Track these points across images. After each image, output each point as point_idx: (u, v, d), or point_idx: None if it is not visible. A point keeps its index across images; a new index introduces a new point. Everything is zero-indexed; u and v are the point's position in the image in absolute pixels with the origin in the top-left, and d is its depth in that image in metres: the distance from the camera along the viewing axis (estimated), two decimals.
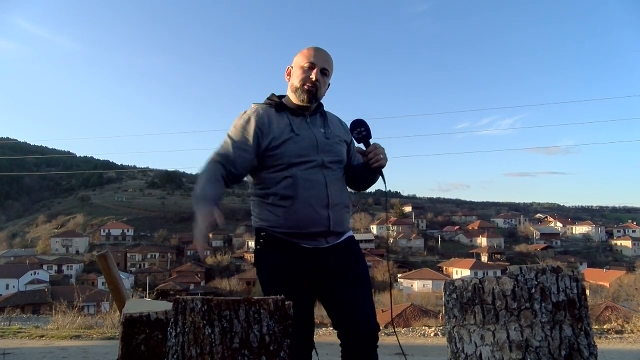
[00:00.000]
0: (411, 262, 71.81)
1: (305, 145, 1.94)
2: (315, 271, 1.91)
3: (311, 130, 2.00)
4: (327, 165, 1.96)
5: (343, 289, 1.92)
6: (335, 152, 2.01)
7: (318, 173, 1.93)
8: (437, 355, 4.73)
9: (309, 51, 2.02)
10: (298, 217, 1.87)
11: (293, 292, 1.70)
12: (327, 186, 1.92)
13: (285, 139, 1.93)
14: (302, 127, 1.99)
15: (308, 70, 1.99)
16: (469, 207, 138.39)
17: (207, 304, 1.55)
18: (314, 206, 1.88)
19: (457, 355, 1.37)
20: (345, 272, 1.95)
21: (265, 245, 1.94)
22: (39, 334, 6.45)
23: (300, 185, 1.89)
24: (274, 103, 2.04)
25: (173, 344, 1.61)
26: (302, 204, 1.88)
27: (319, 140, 1.99)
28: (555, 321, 1.25)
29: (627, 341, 5.47)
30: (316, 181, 1.91)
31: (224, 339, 1.52)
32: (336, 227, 1.93)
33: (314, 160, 1.93)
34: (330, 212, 1.90)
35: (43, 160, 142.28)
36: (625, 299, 26.25)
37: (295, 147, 1.93)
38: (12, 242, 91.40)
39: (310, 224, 1.88)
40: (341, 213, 1.96)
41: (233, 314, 1.56)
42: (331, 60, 2.06)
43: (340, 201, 1.96)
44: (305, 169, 1.91)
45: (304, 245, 1.90)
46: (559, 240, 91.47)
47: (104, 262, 3.36)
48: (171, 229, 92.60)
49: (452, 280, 1.41)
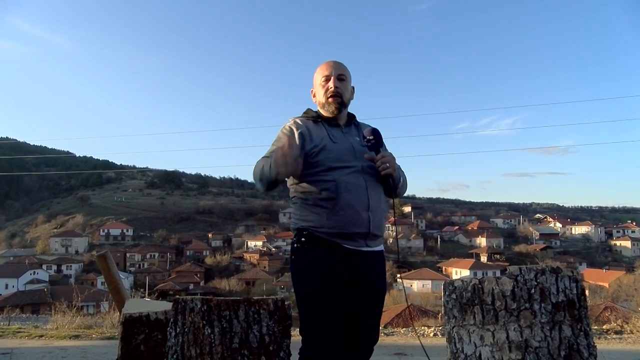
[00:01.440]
0: (410, 262, 71.81)
1: (343, 152, 2.04)
2: (354, 274, 1.97)
3: (347, 138, 2.11)
4: (366, 171, 2.04)
5: (370, 302, 2.02)
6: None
7: (359, 177, 2.01)
8: (437, 355, 4.72)
9: (321, 67, 2.16)
10: (340, 218, 1.94)
11: (330, 288, 1.86)
12: (368, 190, 2.00)
13: (325, 145, 2.04)
14: (339, 136, 2.11)
15: (326, 83, 2.12)
16: (468, 208, 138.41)
17: (207, 304, 1.55)
18: (356, 208, 1.95)
19: (457, 356, 1.38)
20: (377, 285, 2.04)
21: (307, 244, 1.99)
22: (38, 334, 6.44)
23: (343, 188, 1.96)
24: (310, 116, 2.17)
25: (173, 344, 1.61)
26: (345, 205, 1.95)
27: (356, 148, 2.08)
28: (555, 322, 1.25)
29: (626, 341, 5.48)
30: (357, 185, 1.99)
31: (224, 339, 1.53)
32: (375, 229, 2.00)
33: (354, 166, 2.02)
34: (371, 215, 1.98)
35: (42, 160, 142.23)
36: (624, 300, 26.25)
37: (334, 153, 2.03)
38: (11, 242, 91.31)
39: (352, 225, 1.95)
40: (380, 217, 2.04)
41: (233, 314, 1.56)
42: (344, 66, 2.18)
43: (380, 205, 2.04)
44: (346, 174, 1.99)
45: (345, 245, 1.96)
46: (559, 241, 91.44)
47: (103, 262, 3.36)
48: (170, 229, 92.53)
49: (451, 281, 1.41)
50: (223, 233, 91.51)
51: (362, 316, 2.00)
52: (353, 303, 1.99)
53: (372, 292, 2.03)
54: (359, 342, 2.00)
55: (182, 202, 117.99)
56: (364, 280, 1.99)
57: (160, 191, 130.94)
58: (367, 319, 2.01)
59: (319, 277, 1.91)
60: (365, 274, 1.99)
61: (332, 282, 1.90)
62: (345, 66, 2.18)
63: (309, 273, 1.95)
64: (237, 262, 72.41)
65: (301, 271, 1.98)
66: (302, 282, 1.95)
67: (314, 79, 2.20)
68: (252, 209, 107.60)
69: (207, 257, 74.12)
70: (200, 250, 79.07)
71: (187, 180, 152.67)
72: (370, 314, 2.02)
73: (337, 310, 1.90)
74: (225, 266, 68.55)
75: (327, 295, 1.87)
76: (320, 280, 1.89)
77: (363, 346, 2.01)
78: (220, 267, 67.73)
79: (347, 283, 1.95)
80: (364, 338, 2.01)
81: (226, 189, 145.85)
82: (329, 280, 1.90)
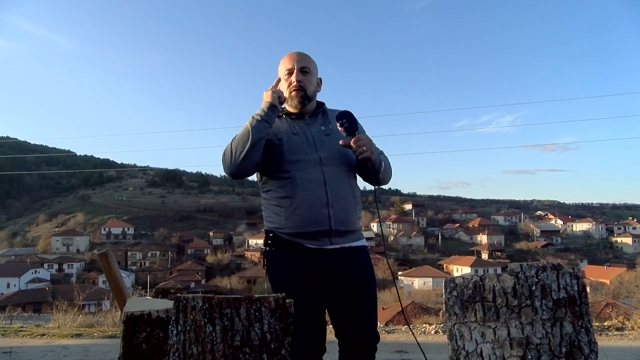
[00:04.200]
0: (412, 259, 71.82)
1: (301, 144, 1.94)
2: (323, 273, 1.88)
3: (309, 129, 2.00)
4: (325, 162, 1.93)
5: (353, 300, 1.92)
6: (335, 149, 1.97)
7: (316, 171, 1.91)
8: (438, 352, 4.73)
9: (284, 60, 2.04)
10: (297, 217, 1.86)
11: (299, 291, 1.74)
12: (327, 184, 1.89)
13: (283, 140, 1.95)
14: (299, 128, 2.00)
15: (289, 77, 2.00)
16: (469, 205, 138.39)
17: (208, 302, 1.55)
18: (313, 205, 1.86)
19: (458, 353, 1.38)
20: (356, 282, 1.93)
21: (273, 246, 1.94)
22: (40, 333, 6.45)
23: (298, 185, 1.88)
24: None
25: (174, 342, 1.61)
26: (301, 203, 1.86)
27: (316, 138, 1.98)
28: (556, 318, 1.25)
29: (627, 338, 5.47)
30: (314, 179, 1.89)
31: (225, 337, 1.53)
32: (338, 225, 1.89)
33: (311, 159, 1.92)
34: (331, 211, 1.87)
35: (43, 159, 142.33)
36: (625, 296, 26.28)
37: (291, 146, 1.94)
38: (12, 241, 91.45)
39: (310, 224, 1.86)
40: (344, 211, 1.92)
41: (234, 312, 1.56)
42: (308, 57, 2.05)
43: (343, 198, 1.92)
44: (302, 168, 1.90)
45: (308, 245, 1.88)
46: (560, 238, 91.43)
47: (104, 260, 3.37)
48: (172, 228, 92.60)
49: (452, 278, 1.41)
50: (224, 231, 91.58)
51: (348, 314, 1.91)
52: (335, 302, 1.93)
53: (352, 289, 1.92)
54: (355, 342, 1.92)
55: (183, 201, 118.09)
56: (339, 279, 1.90)
57: (161, 190, 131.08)
58: (354, 317, 1.91)
59: (286, 279, 1.86)
60: (338, 272, 1.90)
61: (299, 284, 1.83)
62: (309, 57, 2.05)
63: (277, 276, 1.91)
64: (238, 260, 72.43)
65: (270, 274, 1.94)
66: (273, 285, 1.92)
67: (278, 72, 2.06)
68: (253, 207, 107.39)
69: (208, 255, 74.21)
70: (202, 248, 79.17)
71: (188, 179, 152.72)
72: (356, 311, 1.91)
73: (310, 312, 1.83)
74: (226, 264, 68.63)
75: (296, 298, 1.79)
76: (288, 284, 1.82)
77: (361, 346, 1.91)
78: (222, 266, 67.81)
79: (318, 284, 1.87)
80: (357, 336, 1.91)
81: (227, 187, 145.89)
82: (296, 283, 1.83)
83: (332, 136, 2.00)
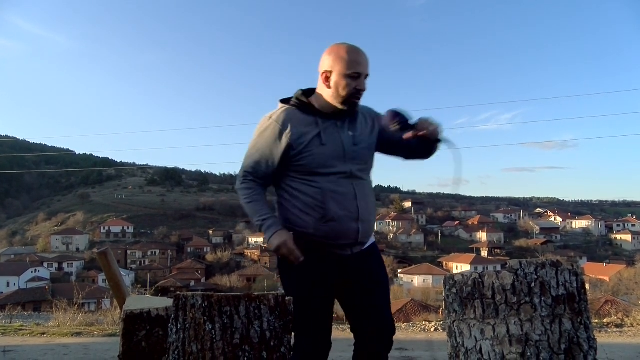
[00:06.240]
0: (411, 257, 71.92)
1: (331, 155, 1.86)
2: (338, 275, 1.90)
3: (339, 136, 1.89)
4: (355, 175, 1.90)
5: (366, 294, 1.92)
6: (362, 159, 1.95)
7: (347, 184, 1.87)
8: (438, 350, 4.74)
9: (351, 57, 1.84)
10: (328, 229, 1.84)
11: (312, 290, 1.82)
12: (357, 198, 1.87)
13: (311, 148, 1.85)
14: (329, 133, 1.89)
15: (354, 81, 1.84)
16: (468, 203, 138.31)
17: (208, 300, 1.56)
18: (344, 220, 1.84)
19: (458, 350, 1.38)
20: (368, 277, 1.95)
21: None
22: (40, 332, 6.46)
23: (330, 197, 1.84)
24: (301, 105, 1.92)
25: (174, 340, 1.62)
26: (332, 217, 1.83)
27: (347, 149, 1.89)
28: (555, 315, 1.25)
29: (626, 335, 5.49)
30: (346, 193, 1.86)
31: (225, 335, 1.53)
32: (364, 238, 1.92)
33: (343, 172, 1.87)
34: (360, 225, 1.87)
35: (43, 158, 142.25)
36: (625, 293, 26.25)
37: (321, 157, 1.85)
38: (12, 240, 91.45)
39: (340, 237, 1.86)
40: (370, 223, 1.94)
41: (234, 310, 1.56)
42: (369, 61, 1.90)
43: (370, 212, 1.94)
44: (333, 180, 1.86)
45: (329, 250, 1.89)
46: (559, 235, 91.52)
47: (104, 259, 3.37)
48: (171, 226, 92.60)
49: (452, 275, 1.41)
50: (224, 230, 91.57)
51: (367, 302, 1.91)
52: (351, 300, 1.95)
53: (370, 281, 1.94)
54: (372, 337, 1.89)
55: (183, 199, 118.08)
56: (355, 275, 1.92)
57: (161, 188, 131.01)
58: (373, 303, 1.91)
59: (307, 281, 1.85)
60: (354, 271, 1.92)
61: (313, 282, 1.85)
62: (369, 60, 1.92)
63: (296, 276, 1.89)
64: (237, 258, 72.45)
65: (289, 273, 1.92)
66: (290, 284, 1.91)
67: (336, 64, 1.84)
68: None
69: (207, 253, 74.21)
70: (201, 247, 79.18)
71: (188, 177, 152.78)
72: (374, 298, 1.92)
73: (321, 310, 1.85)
74: (226, 263, 68.63)
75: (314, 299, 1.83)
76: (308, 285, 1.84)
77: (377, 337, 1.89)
78: (221, 264, 67.82)
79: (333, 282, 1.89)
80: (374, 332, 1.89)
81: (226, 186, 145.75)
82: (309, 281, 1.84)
83: (359, 146, 1.94)
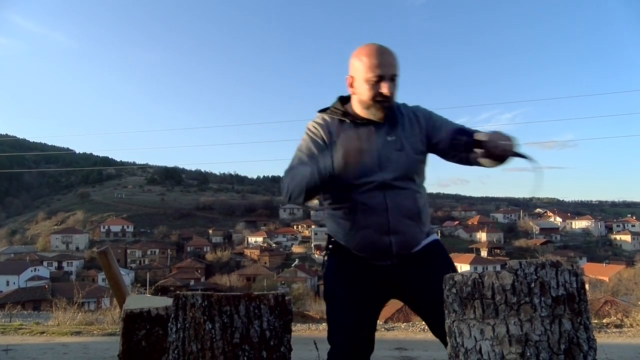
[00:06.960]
0: None
1: (366, 165, 1.73)
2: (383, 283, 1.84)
3: (375, 143, 1.79)
4: (389, 184, 1.77)
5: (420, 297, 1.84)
6: (403, 165, 1.80)
7: (378, 195, 1.76)
8: (437, 349, 4.74)
9: (371, 60, 1.72)
10: (357, 240, 1.81)
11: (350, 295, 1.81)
12: (388, 210, 1.76)
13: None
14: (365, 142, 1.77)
15: (376, 85, 1.73)
16: (468, 202, 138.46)
17: (208, 300, 1.56)
18: (373, 233, 1.77)
19: (457, 350, 1.38)
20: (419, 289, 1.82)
21: (333, 250, 1.92)
22: (39, 331, 6.46)
23: (358, 210, 1.78)
24: (337, 114, 1.86)
25: (174, 339, 1.62)
26: (360, 230, 1.78)
27: (382, 153, 1.79)
28: (555, 315, 1.25)
29: (626, 335, 5.49)
30: (375, 205, 1.76)
31: (225, 335, 1.53)
32: (401, 250, 1.80)
33: (374, 181, 1.76)
34: (393, 238, 1.77)
35: (42, 157, 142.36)
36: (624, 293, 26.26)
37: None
38: (12, 239, 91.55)
39: (370, 250, 1.80)
40: (407, 236, 1.80)
41: (233, 309, 1.56)
42: (395, 60, 1.76)
43: (406, 223, 1.79)
44: (363, 192, 1.77)
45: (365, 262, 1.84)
46: (559, 235, 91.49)
47: (104, 258, 3.37)
48: (171, 225, 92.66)
49: (451, 275, 1.41)
50: (223, 229, 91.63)
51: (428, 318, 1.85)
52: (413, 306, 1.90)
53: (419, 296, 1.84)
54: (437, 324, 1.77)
55: (183, 199, 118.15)
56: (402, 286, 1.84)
57: (161, 187, 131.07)
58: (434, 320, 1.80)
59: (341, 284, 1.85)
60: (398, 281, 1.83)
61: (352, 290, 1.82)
62: (396, 59, 1.76)
63: (331, 278, 1.90)
64: (237, 258, 72.53)
65: (326, 275, 1.93)
66: (325, 285, 1.93)
67: (357, 68, 1.76)
68: (253, 205, 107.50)
69: (207, 253, 74.31)
70: (201, 246, 79.26)
71: (187, 177, 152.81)
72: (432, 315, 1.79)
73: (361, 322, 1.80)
74: (225, 262, 68.68)
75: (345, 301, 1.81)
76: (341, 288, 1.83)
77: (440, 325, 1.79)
78: (221, 263, 67.87)
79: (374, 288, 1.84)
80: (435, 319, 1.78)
81: (226, 185, 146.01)
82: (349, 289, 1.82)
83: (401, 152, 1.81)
